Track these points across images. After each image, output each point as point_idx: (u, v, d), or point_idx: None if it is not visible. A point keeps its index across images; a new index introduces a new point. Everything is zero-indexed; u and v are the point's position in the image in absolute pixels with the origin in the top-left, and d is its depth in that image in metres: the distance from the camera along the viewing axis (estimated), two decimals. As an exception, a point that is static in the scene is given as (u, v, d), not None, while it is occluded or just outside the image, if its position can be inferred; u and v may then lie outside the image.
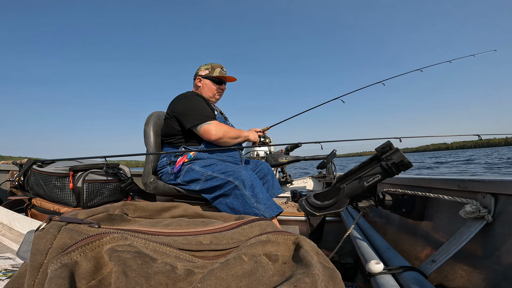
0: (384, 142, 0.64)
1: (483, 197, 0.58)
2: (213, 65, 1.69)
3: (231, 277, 0.31)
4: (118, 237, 0.32)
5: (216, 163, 1.44)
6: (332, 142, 1.76)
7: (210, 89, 1.69)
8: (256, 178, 1.34)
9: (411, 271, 0.57)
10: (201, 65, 1.73)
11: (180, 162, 1.46)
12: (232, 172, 1.34)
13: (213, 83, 1.68)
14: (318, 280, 0.30)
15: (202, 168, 1.42)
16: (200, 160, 1.49)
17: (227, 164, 1.43)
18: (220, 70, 1.69)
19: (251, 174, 1.33)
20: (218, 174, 1.36)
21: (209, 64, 1.70)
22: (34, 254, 0.29)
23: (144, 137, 1.67)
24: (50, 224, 0.33)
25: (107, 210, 0.44)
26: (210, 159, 1.50)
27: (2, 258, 0.75)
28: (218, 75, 1.68)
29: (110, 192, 1.35)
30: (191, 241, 0.39)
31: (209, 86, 1.68)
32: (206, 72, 1.68)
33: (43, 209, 1.29)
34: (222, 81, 1.71)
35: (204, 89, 1.69)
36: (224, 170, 1.36)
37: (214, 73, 1.67)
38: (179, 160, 1.47)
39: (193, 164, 1.46)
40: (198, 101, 1.54)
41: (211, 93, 1.70)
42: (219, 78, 1.69)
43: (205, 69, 1.69)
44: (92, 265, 0.28)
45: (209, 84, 1.68)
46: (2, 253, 0.81)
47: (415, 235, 0.82)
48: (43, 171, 1.29)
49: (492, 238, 0.54)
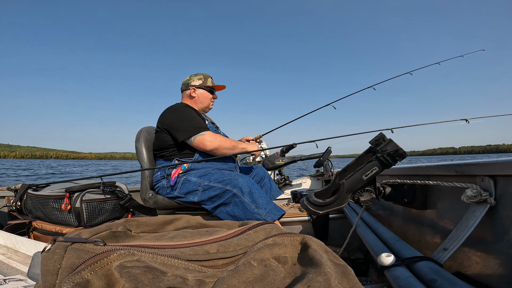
0: (377, 134, 0.65)
1: (481, 180, 0.59)
2: (205, 75, 1.70)
3: (243, 284, 0.30)
4: (125, 253, 0.31)
5: (211, 172, 1.43)
6: (327, 139, 1.77)
7: (206, 99, 1.69)
8: (254, 184, 1.33)
9: (424, 261, 0.57)
10: (191, 75, 1.72)
11: (175, 174, 1.45)
12: (229, 180, 1.32)
13: (207, 92, 1.69)
14: (331, 278, 0.30)
15: (198, 178, 1.41)
16: (196, 170, 1.48)
17: (223, 172, 1.42)
18: (211, 80, 1.70)
19: (248, 180, 1.32)
20: (215, 184, 1.35)
21: (200, 74, 1.70)
22: (45, 275, 0.28)
23: (137, 154, 1.65)
24: (55, 245, 0.32)
25: (110, 228, 0.44)
26: (205, 169, 1.49)
27: (14, 280, 0.75)
28: (211, 85, 1.69)
29: (110, 210, 1.34)
30: (198, 251, 0.38)
31: (205, 95, 1.69)
32: (200, 82, 1.68)
33: (45, 231, 1.27)
34: (213, 90, 1.72)
35: (200, 99, 1.68)
36: (220, 179, 1.35)
37: (207, 83, 1.68)
38: (173, 172, 1.46)
39: (188, 175, 1.44)
40: (189, 112, 1.54)
41: (207, 102, 1.70)
42: (211, 88, 1.70)
43: (198, 79, 1.68)
44: (104, 282, 0.28)
45: (205, 93, 1.68)
46: (13, 275, 0.80)
47: (421, 224, 0.82)
48: (39, 195, 1.28)
49: (499, 221, 0.54)
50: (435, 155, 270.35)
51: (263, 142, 2.90)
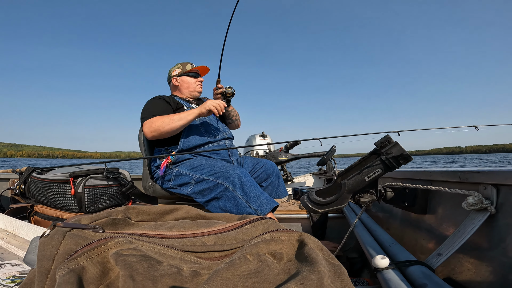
0: (383, 136, 0.64)
1: (484, 188, 0.58)
2: (183, 64, 1.73)
3: (237, 277, 0.31)
4: (122, 241, 0.32)
5: (203, 163, 1.41)
6: (331, 138, 1.76)
7: (190, 83, 1.71)
8: (246, 175, 1.31)
9: (417, 265, 0.57)
10: (170, 68, 1.77)
11: (164, 165, 1.46)
12: (221, 173, 1.31)
13: (189, 77, 1.72)
14: (324, 276, 0.30)
15: (190, 170, 1.41)
16: (186, 161, 1.48)
17: (216, 164, 1.39)
18: (191, 65, 1.73)
19: (240, 171, 1.30)
20: (207, 177, 1.34)
21: (178, 64, 1.74)
22: (41, 260, 0.29)
23: (139, 143, 1.70)
24: (54, 230, 0.33)
25: (110, 215, 0.44)
26: (196, 159, 1.49)
27: (10, 265, 0.76)
28: (190, 69, 1.71)
29: (111, 197, 1.35)
30: (195, 242, 0.39)
31: (187, 81, 1.71)
32: (178, 70, 1.72)
33: (46, 216, 1.29)
34: (197, 74, 1.74)
35: (183, 85, 1.72)
36: (212, 172, 1.34)
37: (186, 69, 1.71)
38: (162, 163, 1.47)
39: (180, 168, 1.45)
40: (150, 102, 1.57)
41: (192, 87, 1.72)
42: (193, 71, 1.72)
43: (176, 68, 1.73)
44: (99, 269, 0.28)
45: (186, 79, 1.71)
46: (9, 260, 0.81)
47: (418, 228, 0.82)
48: (43, 178, 1.29)
49: (497, 229, 0.54)
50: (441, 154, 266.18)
51: (268, 137, 2.90)
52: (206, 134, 1.60)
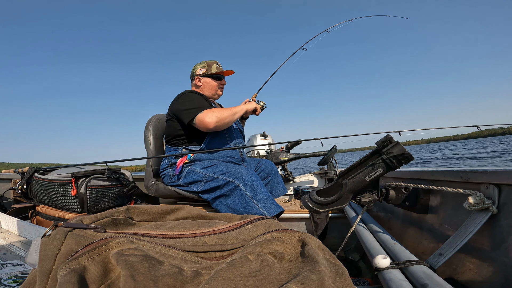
0: (384, 136, 0.64)
1: (486, 188, 0.58)
2: (209, 62, 1.68)
3: (238, 277, 0.31)
4: (124, 241, 0.32)
5: (216, 164, 1.44)
6: (332, 138, 1.76)
7: (212, 86, 1.68)
8: (257, 177, 1.34)
9: (419, 265, 0.57)
10: (196, 64, 1.72)
11: (181, 163, 1.46)
12: (233, 172, 1.34)
13: (213, 80, 1.68)
14: (325, 276, 0.30)
15: (202, 169, 1.42)
16: (200, 161, 1.49)
17: (228, 164, 1.43)
18: (217, 65, 1.68)
19: (252, 173, 1.33)
20: (219, 175, 1.36)
21: (204, 62, 1.69)
22: (43, 260, 0.29)
23: (144, 141, 1.68)
24: (56, 230, 0.33)
25: (111, 215, 0.45)
26: (210, 160, 1.50)
27: (11, 264, 0.76)
28: (216, 71, 1.67)
29: (113, 197, 1.36)
30: (196, 242, 0.39)
31: (210, 83, 1.68)
32: (203, 70, 1.67)
33: (48, 216, 1.29)
34: (221, 76, 1.70)
35: (206, 87, 1.68)
36: (224, 171, 1.36)
37: (211, 70, 1.67)
38: (179, 161, 1.47)
39: (193, 166, 1.46)
40: (192, 95, 1.55)
41: (214, 90, 1.69)
42: (217, 74, 1.68)
43: (202, 67, 1.67)
44: (100, 269, 0.28)
45: (210, 81, 1.67)
46: (11, 260, 0.81)
47: (420, 228, 0.82)
48: (45, 179, 1.30)
49: (498, 229, 0.54)
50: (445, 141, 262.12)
51: (269, 137, 2.89)
52: (229, 139, 1.60)
